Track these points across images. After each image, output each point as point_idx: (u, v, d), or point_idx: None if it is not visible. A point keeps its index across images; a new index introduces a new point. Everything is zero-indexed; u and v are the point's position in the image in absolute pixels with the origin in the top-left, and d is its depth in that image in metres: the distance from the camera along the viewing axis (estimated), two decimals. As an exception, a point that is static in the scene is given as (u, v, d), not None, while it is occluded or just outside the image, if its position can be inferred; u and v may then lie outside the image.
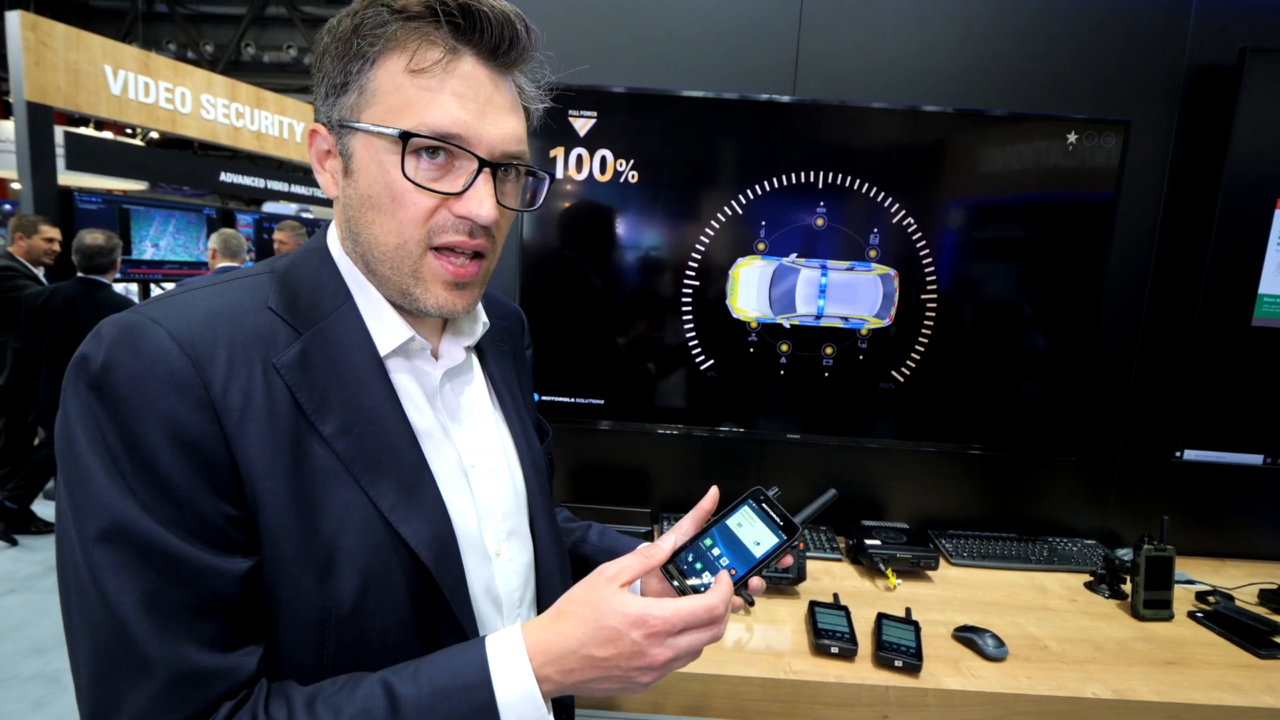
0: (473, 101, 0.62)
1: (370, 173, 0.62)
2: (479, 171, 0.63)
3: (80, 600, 0.53)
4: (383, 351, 0.66)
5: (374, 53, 0.60)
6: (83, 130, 7.41)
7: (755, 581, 0.74)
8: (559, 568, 0.82)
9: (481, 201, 0.63)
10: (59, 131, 5.25)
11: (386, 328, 0.67)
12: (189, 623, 0.54)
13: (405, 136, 0.60)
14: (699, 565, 0.75)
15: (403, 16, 0.60)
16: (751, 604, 0.75)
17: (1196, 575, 1.67)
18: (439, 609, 0.65)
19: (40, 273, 4.11)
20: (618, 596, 0.62)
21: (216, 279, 0.65)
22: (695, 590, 0.70)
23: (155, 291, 5.62)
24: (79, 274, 3.56)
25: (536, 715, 0.59)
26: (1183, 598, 1.53)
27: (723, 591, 0.64)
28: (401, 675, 0.58)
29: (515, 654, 0.60)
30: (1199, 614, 1.47)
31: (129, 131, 9.19)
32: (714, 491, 0.80)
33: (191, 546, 0.54)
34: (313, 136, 0.66)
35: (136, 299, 5.38)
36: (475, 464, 0.73)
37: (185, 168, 7.50)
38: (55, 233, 4.11)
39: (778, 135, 1.57)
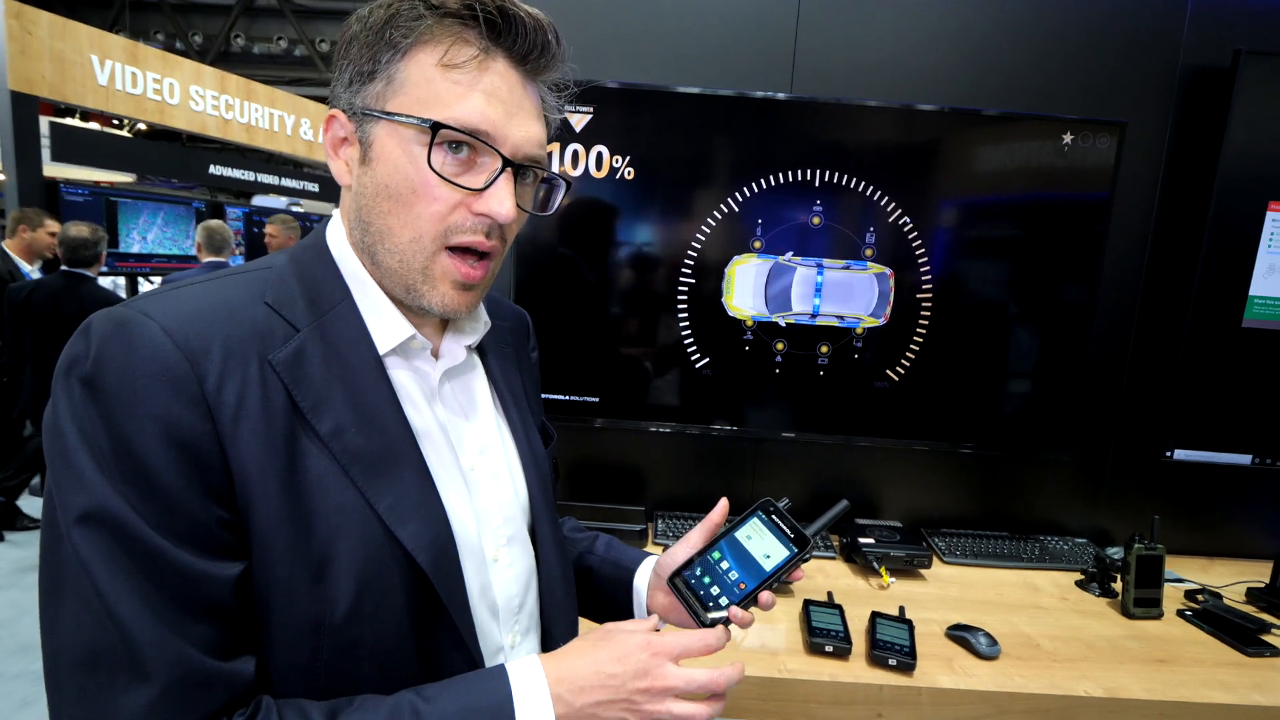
0: (502, 102, 0.62)
1: (391, 161, 0.61)
2: (501, 170, 0.62)
3: (74, 600, 0.51)
4: (382, 350, 0.65)
5: (406, 44, 0.60)
6: (69, 120, 7.31)
7: (765, 596, 0.73)
8: (562, 575, 0.80)
9: (502, 200, 0.62)
10: (44, 121, 5.16)
11: (386, 325, 0.66)
12: (185, 624, 0.52)
13: (436, 127, 0.59)
14: (707, 579, 0.74)
15: (439, 12, 0.60)
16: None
17: (1185, 574, 1.68)
18: (436, 615, 0.64)
19: (37, 266, 4.07)
20: (628, 628, 0.67)
21: (212, 274, 0.63)
22: (706, 608, 0.72)
23: (143, 285, 5.55)
24: (62, 267, 3.51)
25: None
26: (1172, 596, 1.54)
27: (718, 633, 0.68)
28: (425, 694, 0.59)
29: (533, 674, 0.62)
30: (1188, 612, 1.48)
31: (116, 122, 9.08)
32: (723, 503, 0.79)
33: (180, 550, 0.52)
34: (329, 122, 0.64)
35: (123, 293, 5.31)
36: (475, 466, 0.72)
37: (174, 160, 7.39)
38: (57, 226, 4.07)
39: (774, 133, 1.57)
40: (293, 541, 0.57)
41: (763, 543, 0.75)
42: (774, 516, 0.77)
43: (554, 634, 0.78)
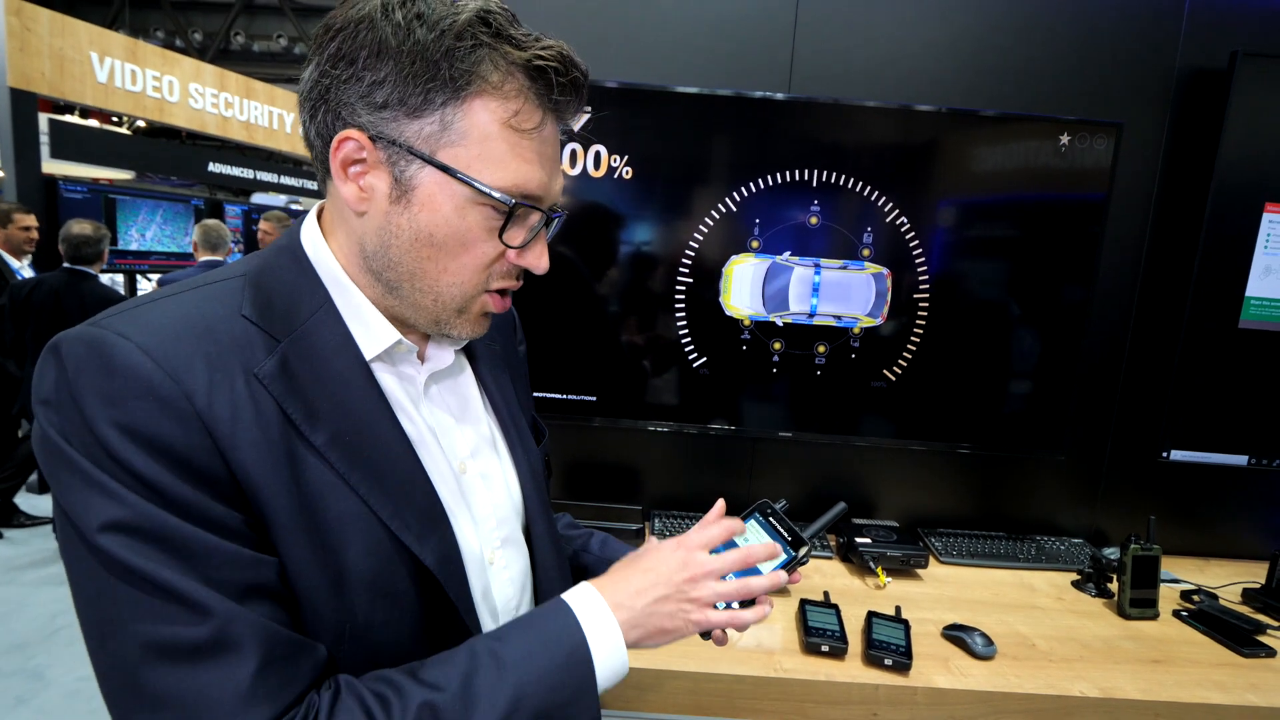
0: (551, 163, 0.63)
1: (440, 214, 0.59)
2: (540, 225, 0.64)
3: (128, 603, 0.49)
4: (368, 356, 0.63)
5: (468, 91, 0.56)
6: (68, 118, 7.30)
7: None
8: (559, 574, 0.80)
9: (541, 255, 0.66)
10: (43, 119, 5.16)
11: (371, 331, 0.64)
12: (255, 601, 0.52)
13: (515, 206, 0.60)
14: None
15: (511, 63, 0.57)
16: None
17: (1181, 574, 1.69)
18: (447, 617, 0.64)
19: (26, 262, 4.03)
20: (652, 543, 0.75)
21: (181, 286, 0.60)
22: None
23: (142, 282, 5.55)
24: (65, 264, 3.51)
25: (618, 658, 0.64)
26: (1168, 596, 1.54)
27: (734, 521, 0.76)
28: (498, 634, 0.62)
29: (589, 595, 0.66)
30: (1184, 613, 1.48)
31: (115, 120, 9.07)
32: (720, 505, 0.78)
33: (225, 540, 0.51)
34: (342, 143, 0.58)
35: (122, 290, 5.31)
36: (466, 469, 0.71)
37: (173, 157, 7.39)
38: (31, 220, 4.00)
39: (772, 133, 1.57)
40: (309, 551, 0.56)
41: None
42: (771, 519, 0.77)
43: None
